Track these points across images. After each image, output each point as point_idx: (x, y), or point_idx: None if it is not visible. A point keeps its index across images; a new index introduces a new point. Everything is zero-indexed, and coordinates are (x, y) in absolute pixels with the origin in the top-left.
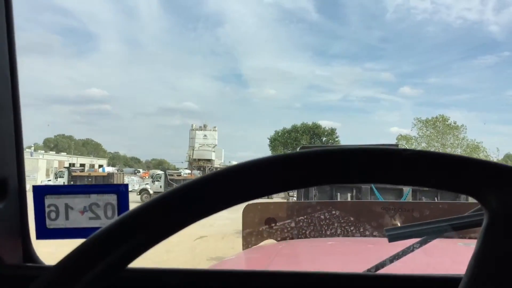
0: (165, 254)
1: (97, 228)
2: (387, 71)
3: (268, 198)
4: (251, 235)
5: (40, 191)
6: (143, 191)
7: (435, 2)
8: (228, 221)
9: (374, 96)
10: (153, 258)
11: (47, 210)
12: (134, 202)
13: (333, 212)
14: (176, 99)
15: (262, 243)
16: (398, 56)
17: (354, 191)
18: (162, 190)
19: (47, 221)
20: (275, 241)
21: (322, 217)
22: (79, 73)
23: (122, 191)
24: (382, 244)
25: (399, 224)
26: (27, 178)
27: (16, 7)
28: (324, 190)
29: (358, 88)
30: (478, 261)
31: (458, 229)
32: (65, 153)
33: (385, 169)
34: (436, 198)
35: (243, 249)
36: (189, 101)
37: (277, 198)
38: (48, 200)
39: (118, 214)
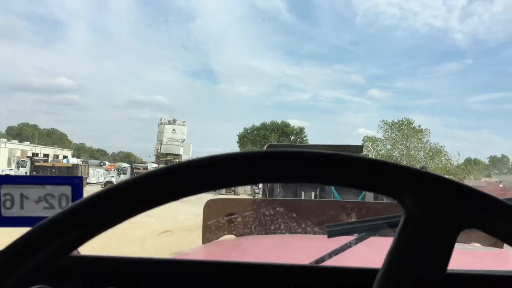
0: (126, 248)
1: None
2: (356, 73)
3: (234, 194)
4: (210, 229)
5: None
6: (108, 183)
7: (403, 8)
8: (191, 215)
9: (343, 97)
10: (115, 251)
11: (2, 199)
12: None
13: (277, 209)
14: (146, 92)
15: (221, 238)
16: (367, 59)
17: (318, 190)
18: None
19: (2, 210)
20: (234, 237)
21: (268, 213)
22: (46, 61)
23: (76, 183)
24: (327, 240)
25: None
26: None
27: None
28: (289, 188)
29: (327, 88)
30: (393, 254)
31: (391, 227)
32: (29, 143)
33: (317, 170)
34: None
35: (202, 243)
36: (159, 94)
37: (244, 195)
38: (4, 189)
39: None
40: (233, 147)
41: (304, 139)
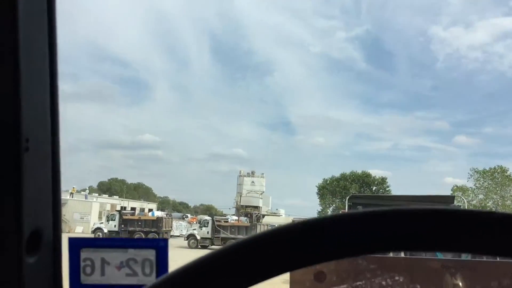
0: None
1: (134, 285)
2: (440, 120)
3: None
4: None
5: (76, 244)
6: (190, 236)
7: (487, 52)
8: None
9: (426, 144)
10: None
11: (82, 264)
12: (182, 247)
13: (396, 278)
14: (225, 145)
15: None
16: (451, 104)
17: None
18: (209, 236)
19: (82, 276)
20: None
21: (384, 283)
22: (132, 120)
23: (161, 246)
24: None
25: (460, 285)
26: (81, 220)
27: (77, 56)
28: None
29: (408, 136)
30: None
31: None
32: (118, 196)
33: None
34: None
35: None
36: (238, 147)
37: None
38: (84, 254)
39: (157, 272)
40: (312, 199)
41: (387, 189)
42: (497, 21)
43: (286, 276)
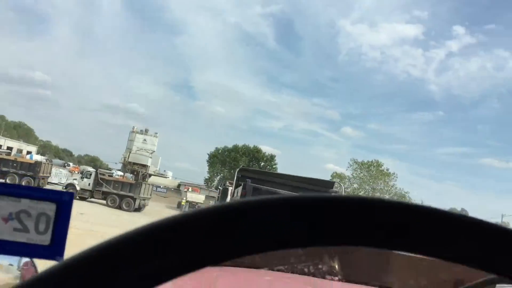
0: None
1: (22, 243)
2: (333, 109)
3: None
4: None
5: None
6: (69, 185)
7: (385, 53)
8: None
9: (316, 130)
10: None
11: None
12: None
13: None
14: (122, 98)
15: None
16: (345, 97)
17: None
18: (90, 188)
19: None
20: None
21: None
22: (24, 52)
23: (65, 201)
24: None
25: (336, 267)
26: None
27: None
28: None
29: (302, 120)
30: None
31: None
32: None
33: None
34: None
35: None
36: (135, 102)
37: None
38: None
39: (53, 231)
40: (202, 166)
41: (274, 166)
42: (399, 27)
43: None
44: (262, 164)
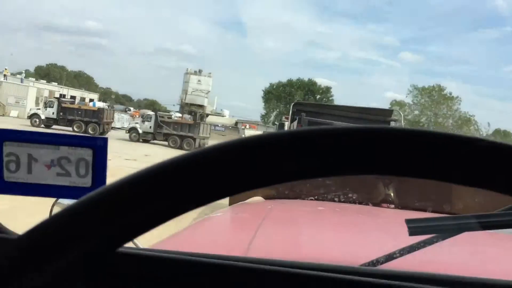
0: None
1: (66, 187)
2: (389, 35)
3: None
4: None
5: None
6: (132, 129)
7: None
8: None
9: (373, 58)
10: None
11: (5, 159)
12: (123, 139)
13: (328, 182)
14: (174, 41)
15: (249, 200)
16: (402, 20)
17: None
18: (151, 130)
19: (5, 173)
20: (261, 199)
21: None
22: (77, 3)
23: (99, 146)
24: (374, 217)
25: (392, 195)
26: (16, 105)
27: None
28: None
29: (357, 49)
30: None
31: (491, 228)
32: (57, 84)
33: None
34: None
35: (229, 204)
36: (187, 44)
37: None
38: (8, 148)
39: (93, 174)
40: (258, 102)
41: (330, 98)
42: None
43: None
44: (318, 97)
